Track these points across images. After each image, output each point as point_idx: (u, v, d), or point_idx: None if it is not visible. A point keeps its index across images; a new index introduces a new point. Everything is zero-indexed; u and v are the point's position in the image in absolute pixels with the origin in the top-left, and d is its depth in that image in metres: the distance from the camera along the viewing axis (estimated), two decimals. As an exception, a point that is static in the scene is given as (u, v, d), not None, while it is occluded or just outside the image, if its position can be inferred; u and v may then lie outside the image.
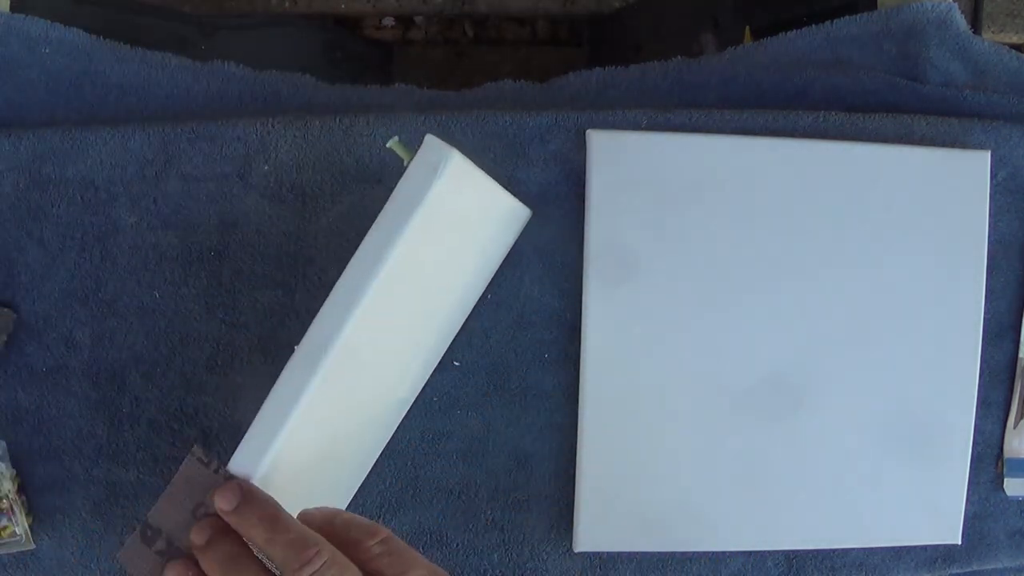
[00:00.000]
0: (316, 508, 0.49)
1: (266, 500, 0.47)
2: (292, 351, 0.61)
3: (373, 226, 0.48)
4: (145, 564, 0.48)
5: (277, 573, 0.46)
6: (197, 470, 0.48)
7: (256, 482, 0.48)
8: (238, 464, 0.48)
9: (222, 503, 0.47)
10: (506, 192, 0.56)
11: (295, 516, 0.48)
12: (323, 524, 0.48)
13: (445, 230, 0.52)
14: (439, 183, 0.48)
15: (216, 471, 0.48)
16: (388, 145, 0.52)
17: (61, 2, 0.72)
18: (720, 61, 0.67)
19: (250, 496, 0.47)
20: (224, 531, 0.47)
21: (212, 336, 0.61)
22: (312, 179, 0.62)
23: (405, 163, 0.49)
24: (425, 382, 0.62)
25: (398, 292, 0.50)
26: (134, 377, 0.61)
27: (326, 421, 0.51)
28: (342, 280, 0.49)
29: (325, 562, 0.43)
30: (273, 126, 0.61)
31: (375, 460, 0.61)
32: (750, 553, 0.64)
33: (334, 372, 0.49)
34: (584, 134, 0.62)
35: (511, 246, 0.62)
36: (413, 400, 0.61)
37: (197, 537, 0.47)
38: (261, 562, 0.46)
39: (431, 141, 0.48)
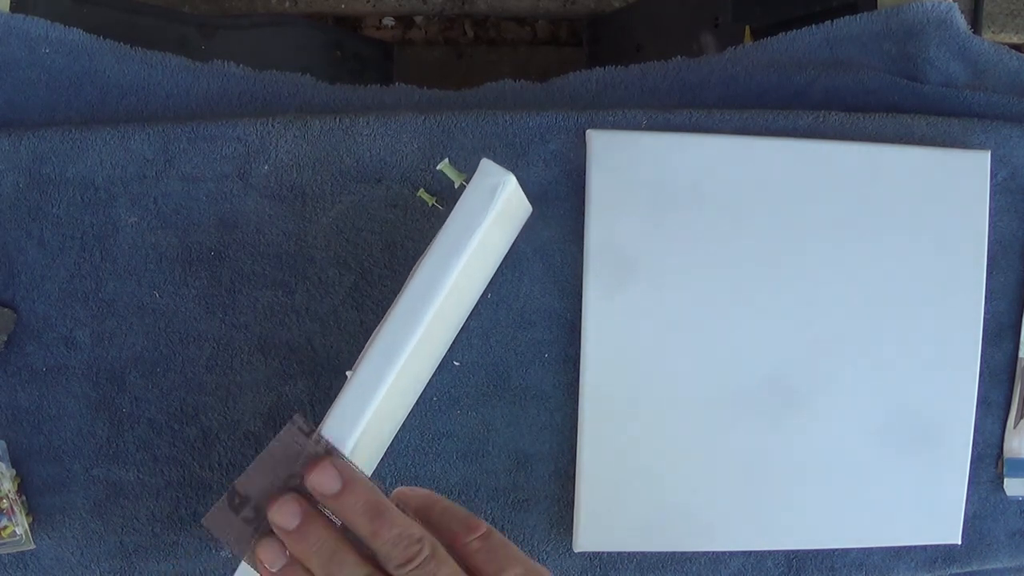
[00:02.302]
0: (410, 489, 0.47)
1: (370, 487, 0.44)
2: (292, 351, 0.62)
3: (432, 247, 0.49)
4: (232, 529, 0.46)
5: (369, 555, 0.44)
6: (296, 439, 0.46)
7: (347, 452, 0.46)
8: (330, 430, 0.47)
9: (323, 486, 0.44)
10: (522, 192, 0.57)
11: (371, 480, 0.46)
12: (419, 509, 0.46)
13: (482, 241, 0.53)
14: (497, 206, 0.49)
15: (317, 442, 0.46)
16: (438, 168, 0.53)
17: (61, 2, 0.72)
18: (720, 61, 0.67)
19: (352, 481, 0.44)
20: (314, 516, 0.44)
21: (212, 336, 0.61)
22: (312, 179, 0.62)
23: (456, 185, 0.50)
24: (427, 383, 0.62)
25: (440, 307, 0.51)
26: (134, 377, 0.61)
27: (390, 398, 0.51)
28: (404, 297, 0.49)
29: (426, 557, 0.42)
30: (273, 126, 0.61)
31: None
32: (750, 553, 0.64)
33: (421, 340, 0.50)
34: (584, 134, 0.62)
35: (511, 245, 0.62)
36: (414, 403, 0.61)
37: (283, 519, 0.44)
38: (359, 554, 0.44)
39: (487, 165, 0.50)
